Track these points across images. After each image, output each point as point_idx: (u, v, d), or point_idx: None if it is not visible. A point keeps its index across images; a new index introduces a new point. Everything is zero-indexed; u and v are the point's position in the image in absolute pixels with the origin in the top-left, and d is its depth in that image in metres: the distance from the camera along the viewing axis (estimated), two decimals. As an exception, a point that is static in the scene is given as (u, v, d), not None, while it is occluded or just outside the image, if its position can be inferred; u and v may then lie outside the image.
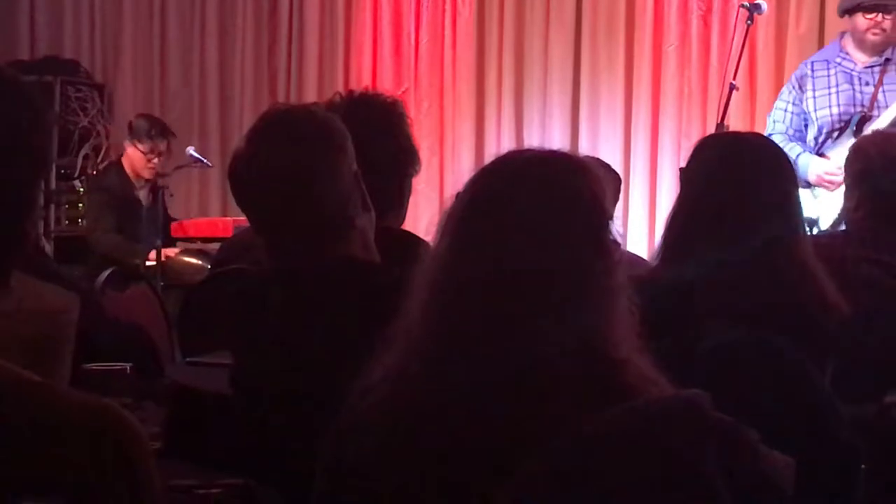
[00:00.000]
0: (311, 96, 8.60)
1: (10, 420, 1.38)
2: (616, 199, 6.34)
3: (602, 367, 1.75)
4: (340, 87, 8.33)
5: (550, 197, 1.85)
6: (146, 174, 7.19)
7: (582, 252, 1.82)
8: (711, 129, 6.49)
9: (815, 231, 5.30)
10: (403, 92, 8.25)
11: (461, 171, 8.13)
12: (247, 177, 2.61)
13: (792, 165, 2.97)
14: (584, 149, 7.72)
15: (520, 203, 1.84)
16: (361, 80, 8.43)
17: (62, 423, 1.39)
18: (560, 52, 8.17)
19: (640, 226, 7.84)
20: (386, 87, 8.08)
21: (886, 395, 3.22)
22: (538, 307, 1.77)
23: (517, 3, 8.28)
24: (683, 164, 2.96)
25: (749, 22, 5.83)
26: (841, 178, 5.49)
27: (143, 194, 7.01)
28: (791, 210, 2.85)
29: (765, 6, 5.95)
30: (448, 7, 8.43)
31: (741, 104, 7.32)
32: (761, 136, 3.53)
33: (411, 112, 4.35)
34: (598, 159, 4.38)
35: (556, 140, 7.95)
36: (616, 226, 1.92)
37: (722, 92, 5.90)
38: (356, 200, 2.60)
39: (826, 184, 5.59)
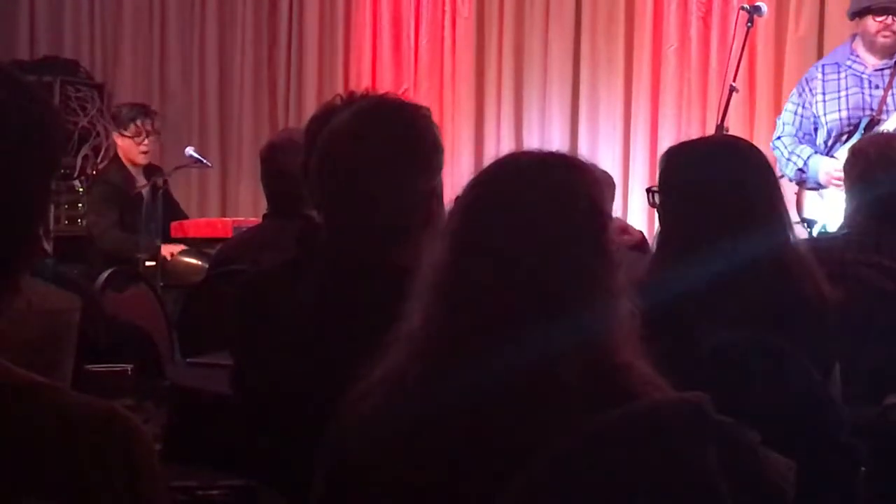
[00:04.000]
0: (310, 96, 8.60)
1: (15, 422, 1.38)
2: (611, 202, 6.34)
3: (605, 370, 1.76)
4: (340, 87, 8.33)
5: (550, 200, 1.85)
6: (141, 159, 7.19)
7: (583, 254, 1.83)
8: (711, 131, 6.49)
9: (815, 231, 5.30)
10: (403, 92, 8.24)
11: (460, 172, 8.13)
12: (332, 152, 2.63)
13: (769, 164, 2.94)
14: (584, 150, 7.72)
15: (520, 206, 1.85)
16: (361, 81, 8.43)
17: (67, 426, 1.39)
18: (559, 53, 8.17)
19: (638, 226, 7.83)
20: (385, 87, 8.08)
21: (886, 397, 3.23)
22: (540, 311, 1.77)
23: (517, 4, 8.28)
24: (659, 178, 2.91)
25: (749, 24, 5.83)
26: None
27: (144, 191, 7.03)
28: (776, 207, 2.83)
29: (765, 8, 5.96)
30: (448, 8, 8.42)
31: (741, 106, 7.31)
32: (735, 137, 3.50)
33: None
34: (592, 163, 4.38)
35: (556, 141, 7.95)
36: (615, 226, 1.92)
37: (722, 94, 5.91)
38: (420, 215, 2.60)
39: (836, 181, 5.59)
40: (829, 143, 5.73)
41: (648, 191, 2.92)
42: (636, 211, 7.86)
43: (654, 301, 1.96)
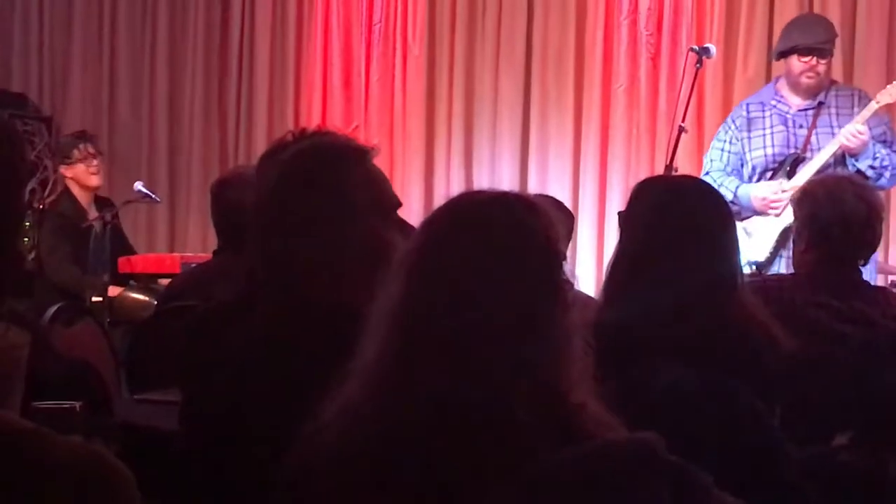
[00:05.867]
0: (261, 131, 8.60)
1: (3, 468, 1.37)
2: (569, 238, 6.37)
3: (558, 410, 1.76)
4: (290, 123, 8.34)
5: (504, 240, 1.86)
6: (94, 181, 7.18)
7: (536, 295, 1.84)
8: (660, 170, 6.53)
9: (762, 273, 5.34)
10: (354, 129, 8.26)
11: (410, 207, 8.14)
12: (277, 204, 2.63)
13: (729, 208, 2.98)
14: (533, 187, 7.75)
15: (473, 246, 1.85)
16: (311, 117, 8.43)
17: (51, 470, 1.38)
18: (510, 90, 8.21)
19: (588, 264, 7.88)
20: (336, 123, 8.11)
21: (834, 437, 3.24)
22: (494, 350, 1.78)
23: (467, 42, 8.32)
24: (624, 207, 2.96)
25: (698, 65, 5.89)
26: (786, 198, 5.58)
27: (96, 224, 6.99)
28: (729, 252, 2.86)
29: (714, 50, 6.03)
30: (398, 45, 8.46)
31: (689, 146, 7.37)
32: (698, 179, 3.55)
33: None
34: (550, 198, 4.41)
35: (506, 178, 7.99)
36: (568, 266, 1.93)
37: (670, 133, 5.95)
38: (361, 255, 2.61)
39: (773, 206, 5.65)
40: (755, 179, 5.83)
41: (620, 214, 2.96)
42: (585, 247, 7.90)
43: (603, 340, 1.97)
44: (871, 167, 5.59)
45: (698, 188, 2.97)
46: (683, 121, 5.85)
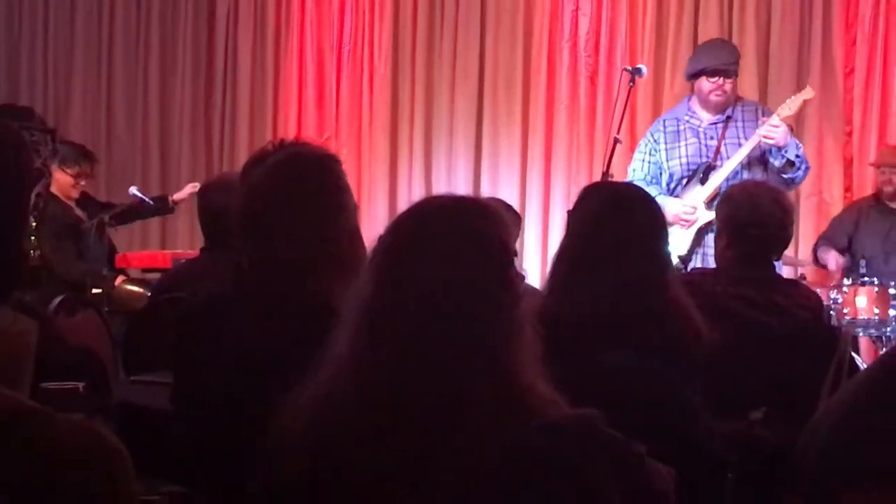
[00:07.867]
0: (243, 142, 8.58)
1: (7, 445, 1.35)
2: (517, 236, 6.39)
3: (510, 390, 1.76)
4: (269, 134, 8.35)
5: (461, 240, 1.86)
6: (74, 194, 7.06)
7: (490, 287, 1.84)
8: (597, 177, 6.55)
9: (688, 268, 5.37)
10: (326, 139, 8.26)
11: (376, 210, 8.16)
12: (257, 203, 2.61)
13: (663, 215, 3.00)
14: (485, 191, 7.77)
15: (434, 246, 1.85)
16: (288, 128, 8.44)
17: (55, 446, 1.37)
18: (465, 106, 8.24)
19: (533, 260, 7.90)
20: (310, 134, 8.12)
21: (750, 413, 3.27)
22: (453, 338, 1.78)
23: (427, 64, 8.35)
24: (571, 208, 2.98)
25: (631, 84, 5.91)
26: (694, 217, 5.64)
27: (81, 213, 6.93)
28: (661, 250, 2.88)
29: (645, 70, 6.05)
30: (366, 65, 8.47)
31: (624, 155, 7.39)
32: (637, 186, 3.57)
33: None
34: (501, 200, 4.42)
35: (461, 183, 8.00)
36: (518, 261, 1.94)
37: (607, 144, 5.97)
38: (331, 252, 2.60)
39: (682, 222, 5.69)
40: (672, 186, 5.86)
41: (569, 213, 2.98)
42: (531, 244, 7.93)
43: (547, 328, 1.97)
44: (797, 156, 5.63)
45: (638, 196, 2.99)
46: (618, 133, 5.87)
